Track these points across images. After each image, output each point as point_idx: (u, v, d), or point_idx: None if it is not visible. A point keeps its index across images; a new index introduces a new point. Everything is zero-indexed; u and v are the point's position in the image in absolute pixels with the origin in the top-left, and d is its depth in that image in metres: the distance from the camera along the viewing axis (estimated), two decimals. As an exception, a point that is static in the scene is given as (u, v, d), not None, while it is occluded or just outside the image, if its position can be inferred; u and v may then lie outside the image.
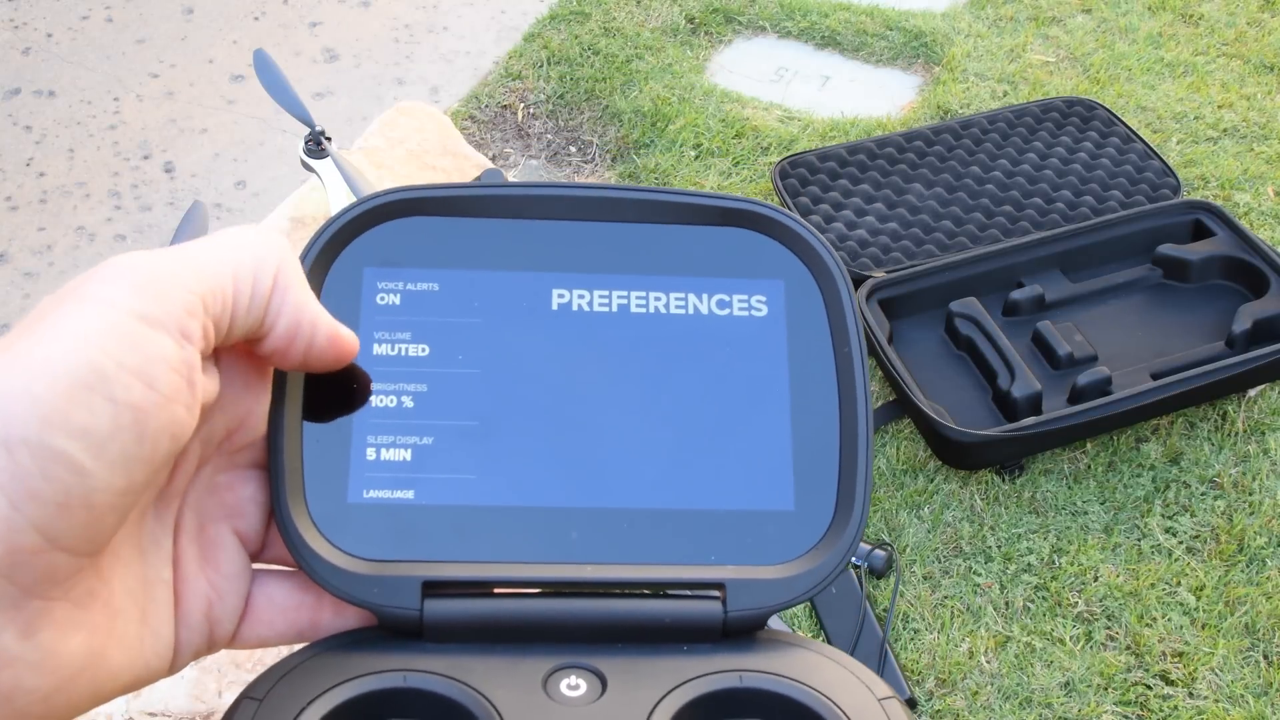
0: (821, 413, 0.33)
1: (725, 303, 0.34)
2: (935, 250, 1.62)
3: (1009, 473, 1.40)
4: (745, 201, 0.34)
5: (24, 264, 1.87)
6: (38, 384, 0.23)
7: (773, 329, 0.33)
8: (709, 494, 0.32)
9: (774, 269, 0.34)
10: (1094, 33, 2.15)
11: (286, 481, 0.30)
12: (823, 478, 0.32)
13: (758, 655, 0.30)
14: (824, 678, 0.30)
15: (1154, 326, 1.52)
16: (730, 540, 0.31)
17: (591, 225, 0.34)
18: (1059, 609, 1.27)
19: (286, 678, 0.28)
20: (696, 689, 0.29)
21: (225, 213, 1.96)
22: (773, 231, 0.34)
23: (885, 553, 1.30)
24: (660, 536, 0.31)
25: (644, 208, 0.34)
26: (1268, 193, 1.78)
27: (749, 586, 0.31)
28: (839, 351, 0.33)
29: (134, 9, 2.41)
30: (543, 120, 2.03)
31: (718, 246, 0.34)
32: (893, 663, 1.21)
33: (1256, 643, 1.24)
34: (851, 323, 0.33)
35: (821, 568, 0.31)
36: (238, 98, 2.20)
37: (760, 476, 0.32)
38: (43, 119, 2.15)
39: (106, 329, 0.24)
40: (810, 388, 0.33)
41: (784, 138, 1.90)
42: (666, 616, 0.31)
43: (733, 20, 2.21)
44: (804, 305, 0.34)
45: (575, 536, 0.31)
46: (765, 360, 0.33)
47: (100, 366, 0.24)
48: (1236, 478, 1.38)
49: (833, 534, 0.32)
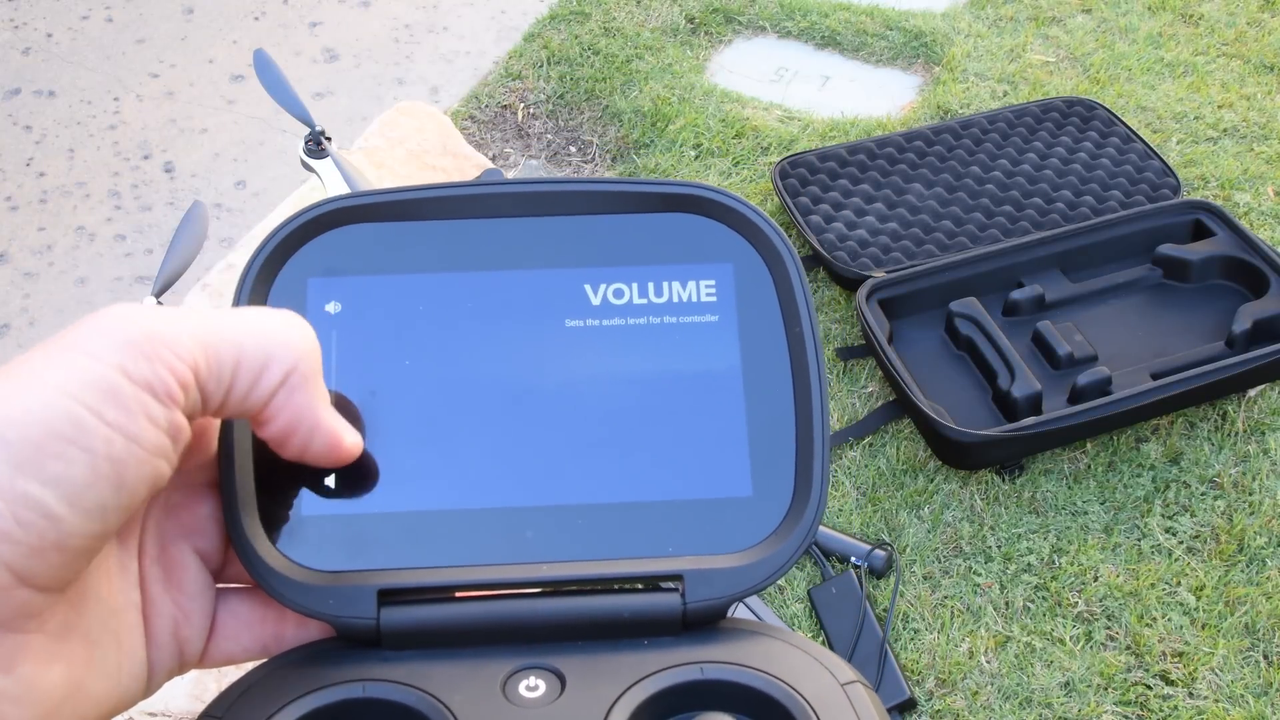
0: (776, 395, 0.32)
1: (674, 289, 0.33)
2: (935, 250, 1.62)
3: (1009, 473, 1.40)
4: (688, 186, 0.33)
5: (24, 264, 1.87)
6: (11, 430, 0.23)
7: (723, 313, 0.33)
8: (665, 485, 0.31)
9: (722, 252, 0.33)
10: (1094, 33, 2.15)
11: (239, 497, 0.30)
12: (780, 461, 0.32)
13: (719, 646, 0.30)
14: (786, 665, 0.29)
15: (1154, 326, 1.52)
16: (688, 531, 0.31)
17: (535, 220, 0.33)
18: (1059, 609, 1.27)
19: (246, 694, 0.28)
20: (656, 684, 0.29)
21: (225, 213, 1.96)
22: (718, 214, 0.33)
23: (885, 553, 1.30)
24: (616, 531, 0.31)
25: (586, 199, 0.33)
26: (1268, 193, 1.78)
27: (708, 576, 0.30)
28: (790, 332, 0.32)
29: (134, 9, 2.41)
30: (543, 120, 2.03)
31: (664, 233, 0.33)
32: (893, 663, 1.21)
33: (1256, 643, 1.24)
34: (802, 302, 0.32)
35: (781, 553, 0.31)
36: (238, 98, 2.20)
37: (717, 464, 0.32)
38: (43, 119, 2.15)
39: (90, 382, 0.24)
40: (763, 370, 0.32)
41: (784, 138, 1.91)
42: (625, 611, 0.30)
43: (733, 20, 2.21)
44: (753, 287, 0.33)
45: (530, 535, 0.31)
46: (717, 345, 0.33)
47: (78, 419, 0.24)
48: (1236, 478, 1.38)
49: (791, 518, 0.31)
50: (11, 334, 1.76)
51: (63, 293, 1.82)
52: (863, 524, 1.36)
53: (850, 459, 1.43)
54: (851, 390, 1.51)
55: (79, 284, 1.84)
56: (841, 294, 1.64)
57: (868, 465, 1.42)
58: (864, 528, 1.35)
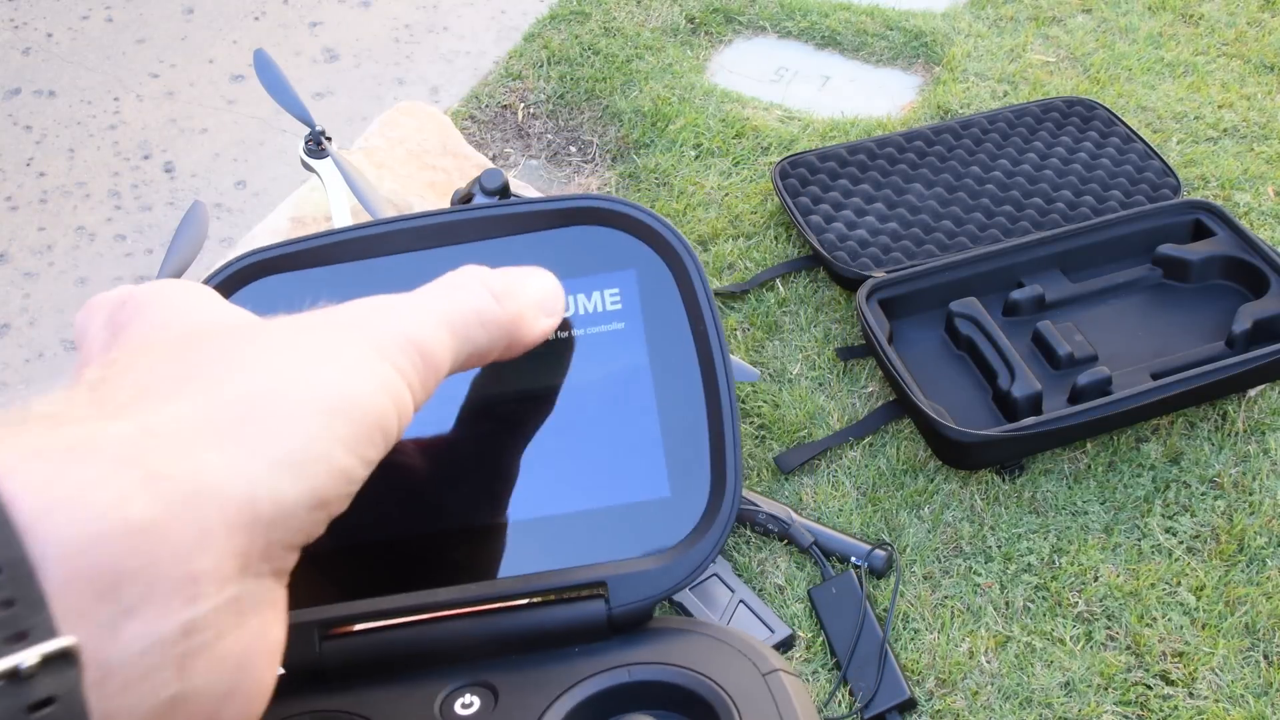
0: (686, 394, 0.33)
1: (582, 302, 0.34)
2: (935, 250, 1.62)
3: (1009, 473, 1.40)
4: (583, 198, 0.34)
5: (24, 264, 1.87)
6: (357, 411, 0.25)
7: (630, 319, 0.34)
8: (587, 494, 0.32)
9: (623, 259, 0.34)
10: (1094, 33, 2.15)
11: None
12: (695, 458, 0.32)
13: (646, 646, 0.31)
14: (710, 660, 0.30)
15: (1154, 326, 1.52)
16: (610, 537, 0.32)
17: (441, 250, 0.34)
18: (1059, 609, 1.27)
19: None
20: (585, 690, 0.30)
21: (225, 213, 1.96)
22: (616, 222, 0.34)
23: (885, 553, 1.30)
24: (541, 544, 0.32)
25: (486, 224, 0.34)
26: (1268, 193, 1.78)
27: (629, 580, 0.31)
28: (695, 330, 0.33)
29: (134, 9, 2.41)
30: (543, 120, 2.03)
31: (566, 248, 0.34)
32: (893, 663, 1.21)
33: (1257, 643, 1.24)
34: (704, 298, 0.33)
35: (700, 549, 0.31)
36: (238, 98, 2.20)
37: (634, 468, 0.32)
38: (43, 119, 2.15)
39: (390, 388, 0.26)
40: (673, 370, 0.33)
41: (784, 138, 1.90)
42: (552, 623, 0.31)
43: (733, 20, 2.21)
44: (656, 289, 0.34)
45: (458, 557, 0.32)
46: (627, 351, 0.33)
47: (385, 419, 0.25)
48: (1236, 478, 1.38)
49: (709, 514, 0.32)
50: (11, 334, 1.76)
51: (63, 293, 1.82)
52: (863, 524, 1.36)
53: (850, 459, 1.43)
54: (851, 390, 1.51)
55: (79, 284, 1.84)
56: (841, 294, 1.64)
57: (868, 465, 1.42)
58: (864, 528, 1.35)
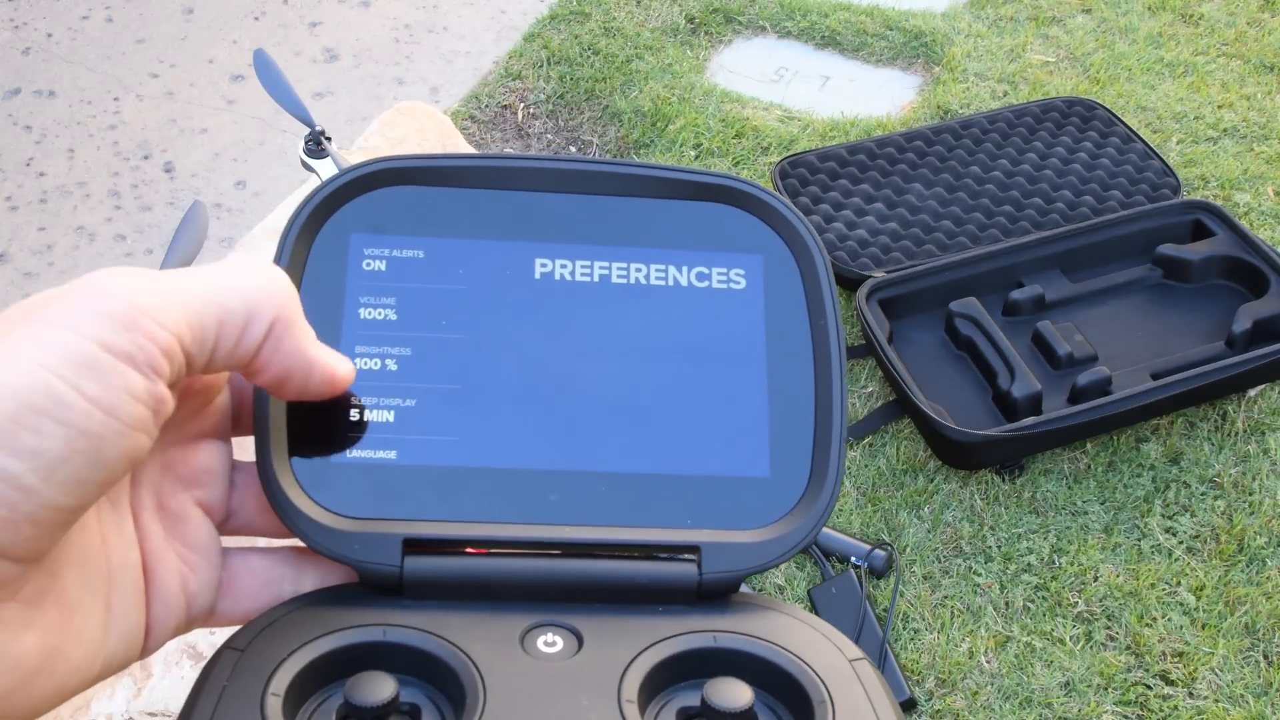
0: (797, 383, 0.33)
1: (704, 275, 0.34)
2: (935, 250, 1.62)
3: (1009, 473, 1.40)
4: (724, 177, 0.34)
5: (24, 264, 1.87)
6: None
7: (751, 301, 0.34)
8: (686, 459, 0.32)
9: (753, 244, 0.34)
10: (1094, 33, 2.15)
11: (271, 440, 0.31)
12: (797, 446, 0.33)
13: (731, 617, 0.31)
14: (797, 639, 0.30)
15: (1154, 326, 1.52)
16: (706, 505, 0.32)
17: (575, 198, 0.34)
18: (1059, 609, 1.27)
19: (268, 630, 0.29)
20: (671, 647, 0.29)
21: (225, 213, 1.96)
22: (751, 207, 0.34)
23: (885, 553, 1.30)
24: (637, 500, 0.32)
25: (626, 181, 0.34)
26: (1268, 193, 1.78)
27: (724, 550, 0.31)
28: (815, 324, 0.34)
29: (134, 9, 2.41)
30: (543, 120, 2.03)
31: (698, 221, 0.34)
32: (893, 663, 1.21)
33: (1256, 643, 1.24)
34: (828, 297, 0.34)
35: (795, 533, 0.32)
36: (238, 98, 2.20)
37: (736, 444, 0.33)
38: (43, 119, 2.15)
39: (69, 355, 0.24)
40: (786, 359, 0.33)
41: (784, 138, 1.91)
42: (642, 578, 0.31)
43: (733, 20, 2.21)
44: (781, 279, 0.34)
45: (554, 498, 0.32)
46: (743, 331, 0.34)
47: (55, 392, 0.23)
48: (1236, 478, 1.38)
49: (806, 501, 0.32)
50: (11, 334, 1.76)
51: (63, 293, 1.82)
52: (863, 524, 1.36)
53: (850, 459, 1.43)
54: (851, 390, 1.51)
55: (79, 284, 1.84)
56: (841, 294, 1.64)
57: (868, 465, 1.42)
58: (864, 528, 1.35)
